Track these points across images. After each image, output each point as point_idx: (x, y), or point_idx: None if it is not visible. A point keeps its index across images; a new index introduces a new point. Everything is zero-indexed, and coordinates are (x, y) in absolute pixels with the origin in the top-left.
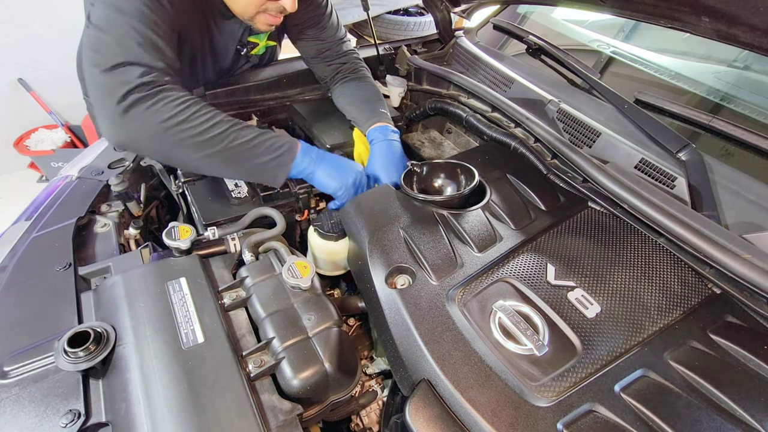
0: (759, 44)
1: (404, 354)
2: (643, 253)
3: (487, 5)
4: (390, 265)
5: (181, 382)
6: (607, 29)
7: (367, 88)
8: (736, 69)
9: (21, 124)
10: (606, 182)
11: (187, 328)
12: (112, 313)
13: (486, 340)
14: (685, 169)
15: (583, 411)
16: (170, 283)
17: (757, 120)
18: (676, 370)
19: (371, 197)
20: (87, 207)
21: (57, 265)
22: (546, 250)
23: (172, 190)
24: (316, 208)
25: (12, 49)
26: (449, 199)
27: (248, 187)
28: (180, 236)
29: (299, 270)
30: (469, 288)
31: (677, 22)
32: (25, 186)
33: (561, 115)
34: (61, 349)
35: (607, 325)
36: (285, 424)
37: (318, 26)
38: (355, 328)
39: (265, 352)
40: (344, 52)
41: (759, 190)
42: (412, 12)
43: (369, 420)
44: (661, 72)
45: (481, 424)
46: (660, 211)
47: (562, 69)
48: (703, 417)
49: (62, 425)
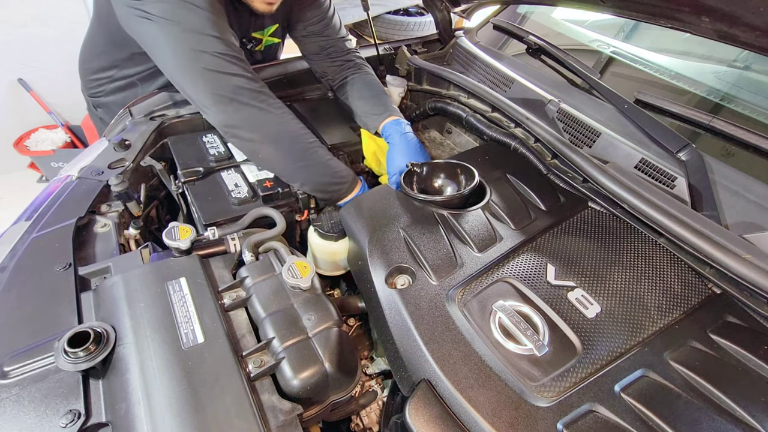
0: (759, 44)
1: (404, 354)
2: (643, 253)
3: (487, 5)
4: (390, 265)
5: (181, 382)
6: (607, 29)
7: (375, 84)
8: (736, 69)
9: (21, 124)
10: (606, 182)
11: (187, 328)
12: (112, 313)
13: (486, 340)
14: (685, 169)
15: (583, 411)
16: (170, 283)
17: (757, 120)
18: (676, 370)
19: (371, 197)
20: (87, 207)
21: (57, 265)
22: (546, 250)
23: (172, 190)
24: (316, 208)
25: (12, 49)
26: (449, 199)
27: (248, 187)
28: (180, 236)
29: (299, 270)
30: (469, 288)
31: (677, 22)
32: (25, 186)
33: (561, 115)
34: (61, 349)
35: (607, 325)
36: (285, 424)
37: (321, 23)
38: (355, 328)
39: (265, 352)
40: (348, 50)
41: (759, 190)
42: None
43: (369, 420)
44: (661, 72)
45: (481, 424)
46: (660, 211)
47: (562, 69)
48: (703, 417)
49: (62, 425)
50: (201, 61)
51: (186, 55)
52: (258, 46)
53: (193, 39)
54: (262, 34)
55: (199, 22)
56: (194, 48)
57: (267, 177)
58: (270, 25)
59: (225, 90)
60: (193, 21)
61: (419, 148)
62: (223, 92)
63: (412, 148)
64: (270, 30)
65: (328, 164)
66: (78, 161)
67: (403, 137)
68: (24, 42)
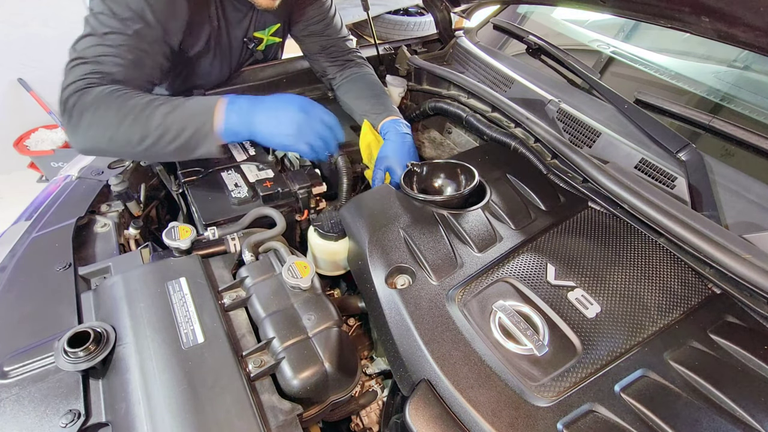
0: (759, 44)
1: (404, 354)
2: (643, 253)
3: (487, 5)
4: (390, 265)
5: (181, 382)
6: (607, 29)
7: (375, 83)
8: (736, 69)
9: (21, 124)
10: (606, 182)
11: (187, 328)
12: (112, 313)
13: (486, 340)
14: (685, 169)
15: (583, 411)
16: (170, 283)
17: (757, 120)
18: (676, 370)
19: (371, 197)
20: (87, 207)
21: (57, 265)
22: (546, 250)
23: (172, 190)
24: (316, 208)
25: (12, 49)
26: (449, 199)
27: (248, 187)
28: (180, 236)
29: (299, 270)
30: (469, 288)
31: (677, 22)
32: (25, 186)
33: (561, 115)
34: (61, 349)
35: (607, 325)
36: (285, 424)
37: (322, 23)
38: (355, 328)
39: (265, 352)
40: (349, 50)
41: (759, 190)
42: (412, 12)
43: (369, 420)
44: (661, 72)
45: (481, 424)
46: (660, 211)
47: (562, 69)
48: (703, 417)
49: (62, 425)
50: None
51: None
52: (259, 46)
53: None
54: (264, 34)
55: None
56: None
57: (267, 177)
58: (272, 25)
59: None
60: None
61: (412, 150)
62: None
63: (405, 148)
64: (272, 29)
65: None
66: (78, 161)
67: (399, 136)
68: (24, 42)
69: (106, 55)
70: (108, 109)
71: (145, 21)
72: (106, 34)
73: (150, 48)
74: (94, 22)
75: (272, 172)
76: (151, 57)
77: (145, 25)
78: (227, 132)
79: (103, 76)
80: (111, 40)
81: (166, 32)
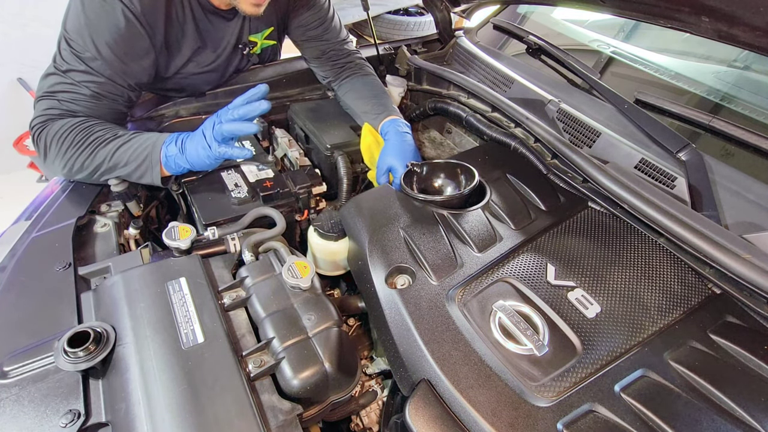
0: (759, 44)
1: (404, 354)
2: (643, 253)
3: (487, 5)
4: (390, 265)
5: (181, 382)
6: (607, 29)
7: (376, 84)
8: (736, 69)
9: (21, 124)
10: (606, 182)
11: (187, 328)
12: (112, 313)
13: (486, 340)
14: (685, 169)
15: (583, 411)
16: (170, 283)
17: (757, 120)
18: (676, 370)
19: (371, 197)
20: (87, 207)
21: (57, 265)
22: (546, 250)
23: (172, 190)
24: (316, 208)
25: (12, 49)
26: (449, 199)
27: (248, 187)
28: (180, 236)
29: (299, 270)
30: (469, 288)
31: (677, 22)
32: (25, 186)
33: (561, 115)
34: (61, 349)
35: (607, 325)
36: (285, 424)
37: (321, 27)
38: (355, 328)
39: (265, 352)
40: (348, 52)
41: (759, 190)
42: (412, 12)
43: (369, 420)
44: (661, 72)
45: (481, 424)
46: (660, 211)
47: (562, 69)
48: (703, 417)
49: (62, 425)
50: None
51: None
52: (254, 49)
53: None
54: (258, 37)
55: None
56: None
57: (267, 177)
58: (264, 29)
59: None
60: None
61: (413, 150)
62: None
63: (406, 148)
64: (265, 33)
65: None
66: None
67: (399, 136)
68: (24, 42)
69: (67, 91)
70: (68, 143)
71: (102, 58)
72: (67, 71)
73: (109, 83)
74: (59, 59)
75: (272, 172)
76: (112, 91)
77: (103, 62)
78: (167, 165)
79: (63, 111)
80: (71, 78)
81: (127, 66)
